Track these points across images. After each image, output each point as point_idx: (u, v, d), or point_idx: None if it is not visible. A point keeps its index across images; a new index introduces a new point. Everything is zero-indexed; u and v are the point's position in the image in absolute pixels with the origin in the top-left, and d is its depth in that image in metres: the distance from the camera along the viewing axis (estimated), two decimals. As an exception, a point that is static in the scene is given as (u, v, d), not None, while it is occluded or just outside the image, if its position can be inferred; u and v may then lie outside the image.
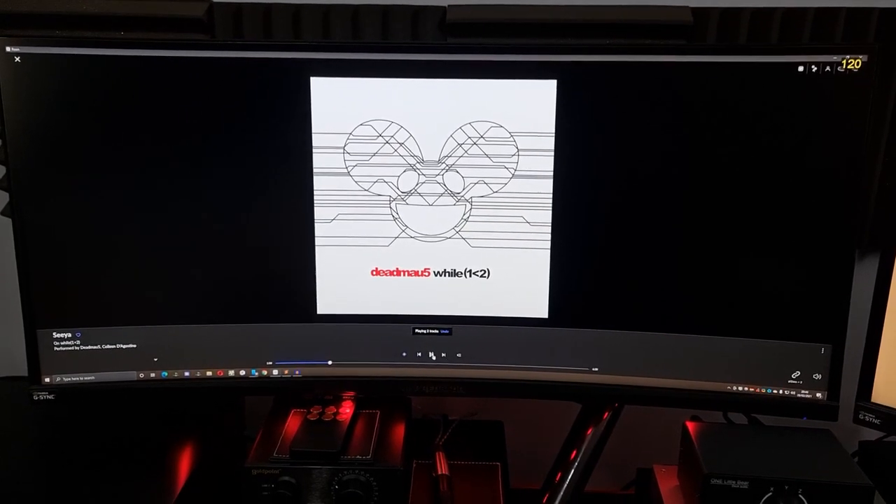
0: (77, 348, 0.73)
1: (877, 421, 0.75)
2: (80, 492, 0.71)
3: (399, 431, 0.78)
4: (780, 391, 0.73)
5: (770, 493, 0.66)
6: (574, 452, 0.81)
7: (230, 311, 0.75)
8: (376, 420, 0.78)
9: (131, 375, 0.75)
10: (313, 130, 0.71)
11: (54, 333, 0.73)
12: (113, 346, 0.74)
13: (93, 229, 0.72)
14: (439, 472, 0.77)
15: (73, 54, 0.69)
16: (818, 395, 0.72)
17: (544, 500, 0.81)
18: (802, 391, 0.73)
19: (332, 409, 0.79)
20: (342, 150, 0.72)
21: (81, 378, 0.74)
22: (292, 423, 0.77)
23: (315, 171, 0.72)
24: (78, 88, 0.69)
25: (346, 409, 0.79)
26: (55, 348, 0.73)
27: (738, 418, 0.82)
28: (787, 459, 0.69)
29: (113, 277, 0.73)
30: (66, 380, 0.74)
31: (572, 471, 0.80)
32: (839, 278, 0.70)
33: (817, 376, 0.72)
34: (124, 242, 0.72)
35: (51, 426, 0.82)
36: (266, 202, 0.73)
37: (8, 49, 0.67)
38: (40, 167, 0.70)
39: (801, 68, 0.67)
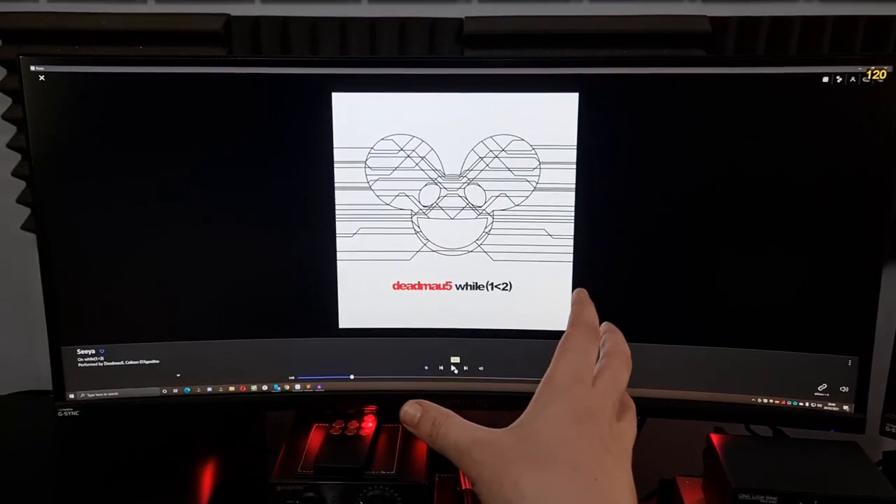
0: (101, 364, 0.73)
1: (904, 433, 0.74)
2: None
3: (422, 445, 0.77)
4: (807, 403, 0.72)
5: (798, 508, 0.65)
6: (597, 465, 0.80)
7: (252, 327, 0.75)
8: (399, 434, 0.78)
9: (155, 391, 0.75)
10: (335, 145, 0.71)
11: (78, 350, 0.73)
12: (136, 362, 0.74)
13: (116, 246, 0.72)
14: (464, 487, 0.76)
15: (96, 72, 0.69)
16: (845, 407, 0.72)
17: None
18: (829, 403, 0.72)
19: (355, 423, 0.78)
20: (363, 165, 0.72)
21: (105, 394, 0.74)
22: (315, 438, 0.77)
23: (336, 185, 0.72)
24: (101, 106, 0.70)
25: (369, 424, 0.78)
26: (79, 365, 0.73)
27: (762, 430, 0.82)
28: (815, 473, 0.68)
29: (136, 293, 0.73)
30: (90, 396, 0.74)
31: (595, 484, 0.79)
32: (866, 290, 0.70)
33: (844, 389, 0.71)
34: (147, 259, 0.73)
35: (74, 441, 0.82)
36: (288, 217, 0.73)
37: (32, 68, 0.68)
38: (64, 184, 0.71)
39: (825, 79, 0.67)
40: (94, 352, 0.73)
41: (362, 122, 0.71)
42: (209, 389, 0.75)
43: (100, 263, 0.72)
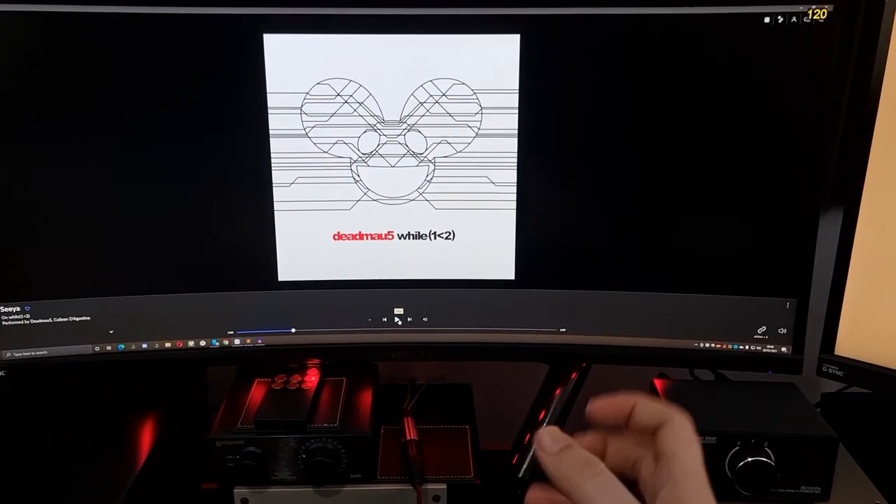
0: (27, 322, 0.70)
1: (840, 373, 0.75)
2: (39, 469, 0.69)
3: (366, 398, 0.77)
4: (747, 346, 0.73)
5: (737, 448, 0.66)
6: (543, 413, 0.80)
7: (188, 280, 0.72)
8: (343, 387, 0.77)
9: (86, 349, 0.72)
10: (268, 90, 0.68)
11: (1, 307, 0.70)
12: (65, 319, 0.71)
13: (40, 198, 0.68)
14: (408, 438, 0.76)
15: (10, 11, 0.64)
16: (783, 349, 0.73)
17: (514, 461, 0.81)
18: (768, 346, 0.73)
19: (297, 377, 0.77)
20: (299, 111, 0.69)
21: (33, 353, 0.71)
22: (256, 393, 0.75)
23: (271, 132, 0.69)
24: (19, 50, 0.65)
25: (312, 378, 0.77)
26: (3, 323, 0.70)
27: (705, 375, 0.83)
28: (753, 414, 0.70)
29: (63, 248, 0.70)
30: (16, 355, 0.71)
31: (541, 431, 0.80)
32: (804, 233, 0.70)
33: (782, 330, 0.72)
34: (73, 211, 0.69)
35: (7, 403, 0.79)
36: (222, 167, 0.70)
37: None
38: (-22, 132, 0.66)
39: (766, 20, 0.66)
40: (18, 309, 0.70)
41: (297, 65, 0.68)
42: (144, 346, 0.73)
43: (23, 216, 0.68)
